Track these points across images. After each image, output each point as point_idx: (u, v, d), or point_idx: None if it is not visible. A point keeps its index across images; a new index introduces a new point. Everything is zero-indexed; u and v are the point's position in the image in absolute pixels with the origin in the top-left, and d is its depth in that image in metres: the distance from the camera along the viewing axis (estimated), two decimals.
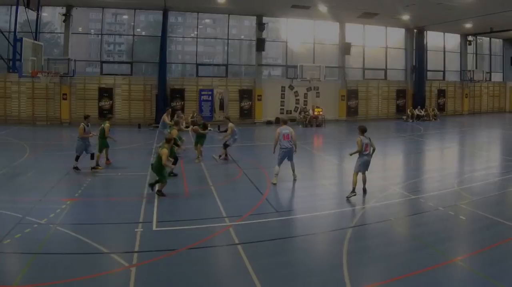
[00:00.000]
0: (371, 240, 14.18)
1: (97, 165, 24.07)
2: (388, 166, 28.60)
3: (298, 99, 52.12)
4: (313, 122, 48.54)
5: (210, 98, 47.88)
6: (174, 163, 21.88)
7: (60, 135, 39.21)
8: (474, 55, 67.21)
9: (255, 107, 49.90)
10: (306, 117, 48.55)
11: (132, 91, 46.21)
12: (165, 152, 18.55)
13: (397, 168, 28.14)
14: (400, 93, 59.29)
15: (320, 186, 22.25)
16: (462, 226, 15.76)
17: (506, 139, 38.79)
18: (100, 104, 45.88)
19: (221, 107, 47.94)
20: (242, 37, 51.67)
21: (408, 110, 56.45)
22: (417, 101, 57.91)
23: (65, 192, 19.90)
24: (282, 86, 51.46)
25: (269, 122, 48.91)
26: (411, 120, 54.33)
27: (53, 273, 11.41)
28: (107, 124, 24.83)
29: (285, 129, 21.81)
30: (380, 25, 56.30)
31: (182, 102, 46.74)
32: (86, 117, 24.94)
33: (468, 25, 54.50)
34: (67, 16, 44.43)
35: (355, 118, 53.35)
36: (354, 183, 19.05)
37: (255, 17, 49.27)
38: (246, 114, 49.65)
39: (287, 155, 21.85)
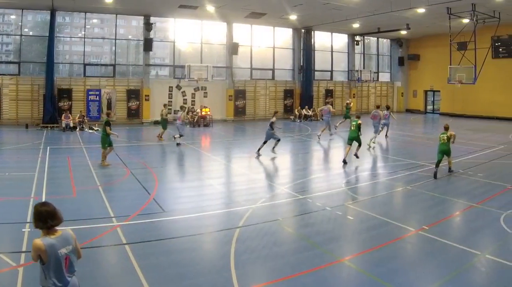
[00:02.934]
0: (259, 240, 14.20)
1: None
2: (276, 166, 28.80)
3: (186, 99, 52.14)
4: (201, 122, 48.75)
5: (97, 99, 47.32)
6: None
7: None
8: (362, 55, 68.71)
9: (142, 107, 49.71)
10: (193, 117, 48.56)
11: (19, 91, 45.06)
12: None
13: (284, 168, 28.41)
14: (288, 93, 60.05)
15: (208, 185, 22.33)
16: (349, 226, 15.97)
17: (393, 139, 39.47)
18: None
19: (109, 107, 47.33)
20: (130, 37, 51.17)
21: (296, 110, 57.06)
22: (305, 101, 58.62)
23: None
24: (169, 86, 51.43)
25: (156, 122, 48.33)
26: (298, 120, 54.98)
27: None
28: None
29: None
30: (268, 25, 56.89)
31: (70, 103, 45.95)
32: None
33: (356, 25, 55.47)
34: None
35: (243, 118, 53.96)
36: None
37: (143, 17, 49.01)
38: (134, 114, 49.43)
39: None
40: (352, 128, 28.14)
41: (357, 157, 28.19)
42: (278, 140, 30.32)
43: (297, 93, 60.46)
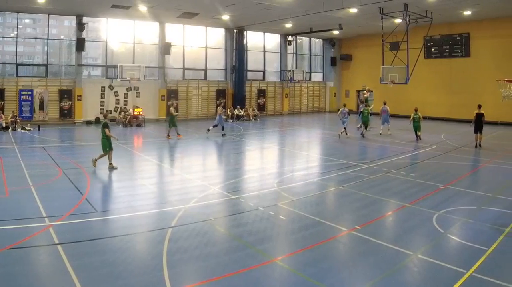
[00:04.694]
0: (191, 240, 14.14)
1: None
2: (208, 166, 28.92)
3: (118, 99, 51.76)
4: (133, 122, 48.37)
5: (30, 99, 46.44)
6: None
7: None
8: (294, 55, 69.16)
9: (75, 107, 49.03)
10: (126, 117, 48.24)
11: None
12: None
13: (216, 168, 28.42)
14: (220, 93, 59.96)
15: (140, 185, 22.16)
16: (282, 226, 15.89)
17: (325, 139, 39.74)
18: None
19: (41, 107, 46.76)
20: (62, 37, 50.31)
21: (228, 110, 56.76)
22: (237, 101, 58.69)
23: None
24: (102, 86, 50.85)
25: (89, 122, 48.30)
26: (231, 120, 54.80)
27: None
28: None
29: None
30: (200, 25, 56.85)
31: (2, 103, 44.99)
32: None
33: (288, 25, 55.77)
34: None
35: (178, 117, 53.07)
36: None
37: (75, 17, 48.34)
38: (66, 114, 48.69)
39: None
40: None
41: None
42: (223, 127, 37.86)
43: (229, 93, 60.61)
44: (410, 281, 11.52)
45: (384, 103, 42.66)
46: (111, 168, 25.07)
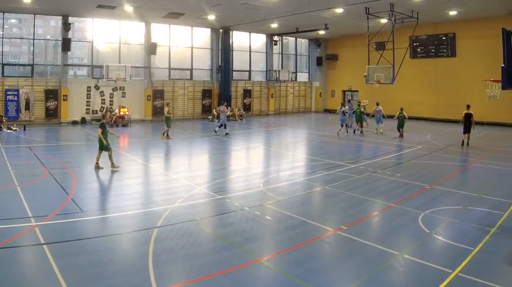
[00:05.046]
0: (177, 240, 14.12)
1: None
2: (194, 166, 28.91)
3: (104, 99, 51.64)
4: (119, 122, 48.33)
5: (16, 99, 46.26)
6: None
7: None
8: (280, 55, 69.25)
9: (61, 107, 48.87)
10: (112, 117, 47.88)
11: None
12: None
13: (203, 168, 28.35)
14: (206, 93, 60.08)
15: (126, 185, 22.12)
16: (268, 226, 15.91)
17: (311, 139, 39.78)
18: None
19: (27, 107, 46.64)
20: (48, 37, 50.15)
21: (214, 110, 56.57)
22: (223, 101, 57.84)
23: None
24: (88, 86, 50.76)
25: (75, 122, 48.25)
26: (217, 121, 54.22)
27: None
28: None
29: None
30: (186, 25, 56.86)
31: None
32: None
33: (274, 25, 55.84)
34: None
35: (161, 118, 52.76)
36: None
37: (61, 17, 48.16)
38: (52, 114, 48.50)
39: None
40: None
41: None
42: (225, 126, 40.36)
43: (215, 93, 60.66)
44: (396, 281, 11.56)
45: (377, 104, 43.58)
46: (97, 167, 25.02)
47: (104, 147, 25.08)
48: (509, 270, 12.38)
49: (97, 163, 25.17)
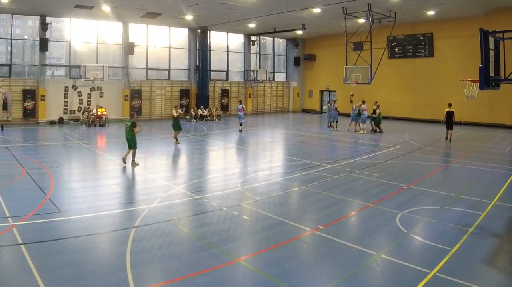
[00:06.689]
0: (154, 240, 14.10)
1: None
2: (172, 166, 28.87)
3: (82, 99, 51.53)
4: (97, 122, 48.15)
5: None
6: None
7: None
8: (258, 55, 69.37)
9: (38, 107, 48.71)
10: (89, 117, 47.97)
11: None
12: None
13: (180, 168, 28.52)
14: (184, 93, 60.03)
15: (104, 185, 22.12)
16: (245, 226, 15.94)
17: (289, 139, 39.87)
18: None
19: (5, 107, 46.38)
20: (26, 37, 49.95)
21: (192, 110, 56.92)
22: (201, 101, 58.71)
23: None
24: (65, 86, 50.58)
25: (52, 122, 48.08)
26: (194, 121, 54.82)
27: None
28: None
29: None
30: (163, 25, 56.87)
31: None
32: None
33: (252, 25, 55.97)
34: None
35: (139, 118, 52.56)
36: None
37: (39, 17, 47.91)
38: (30, 114, 48.34)
39: None
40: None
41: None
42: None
43: (193, 93, 60.70)
44: (374, 281, 11.56)
45: (363, 102, 44.37)
46: (135, 164, 25.90)
47: (135, 145, 25.85)
48: (486, 270, 12.41)
49: (133, 160, 25.95)
